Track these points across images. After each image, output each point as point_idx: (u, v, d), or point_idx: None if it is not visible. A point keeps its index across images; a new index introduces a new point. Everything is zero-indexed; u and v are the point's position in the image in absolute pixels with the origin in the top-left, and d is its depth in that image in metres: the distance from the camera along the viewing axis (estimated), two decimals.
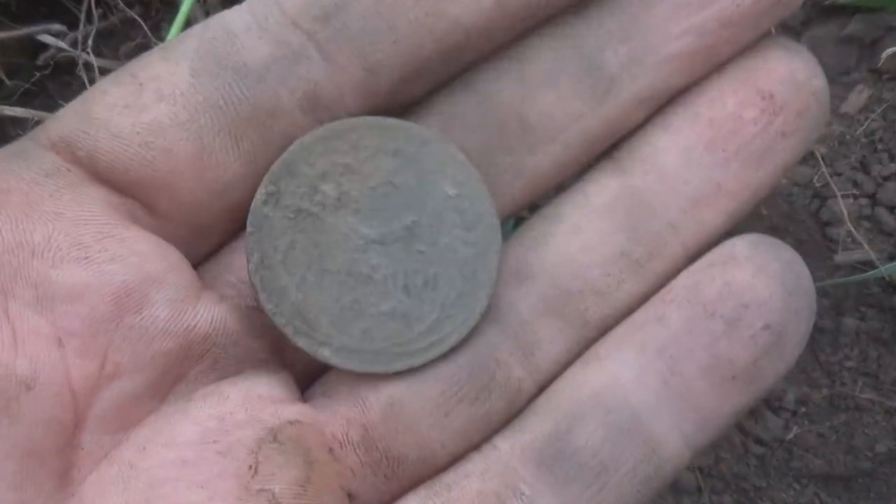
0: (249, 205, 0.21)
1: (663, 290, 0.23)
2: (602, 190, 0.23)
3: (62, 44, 0.37)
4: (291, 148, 0.21)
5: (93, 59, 0.33)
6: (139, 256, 0.20)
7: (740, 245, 0.22)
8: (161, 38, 0.38)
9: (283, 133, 0.21)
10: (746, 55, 0.23)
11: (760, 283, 0.22)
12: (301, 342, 0.22)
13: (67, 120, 0.21)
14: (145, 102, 0.21)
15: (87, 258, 0.20)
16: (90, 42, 0.35)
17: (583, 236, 0.23)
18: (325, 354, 0.22)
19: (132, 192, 0.21)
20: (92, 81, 0.34)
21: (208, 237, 0.22)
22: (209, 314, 0.21)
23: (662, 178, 0.23)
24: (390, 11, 0.21)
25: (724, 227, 0.23)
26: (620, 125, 0.23)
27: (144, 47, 0.38)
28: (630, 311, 0.23)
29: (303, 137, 0.21)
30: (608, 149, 0.24)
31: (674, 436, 0.22)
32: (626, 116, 0.23)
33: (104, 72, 0.35)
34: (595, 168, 0.24)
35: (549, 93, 0.23)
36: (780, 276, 0.22)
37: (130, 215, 0.21)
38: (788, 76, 0.22)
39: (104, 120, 0.21)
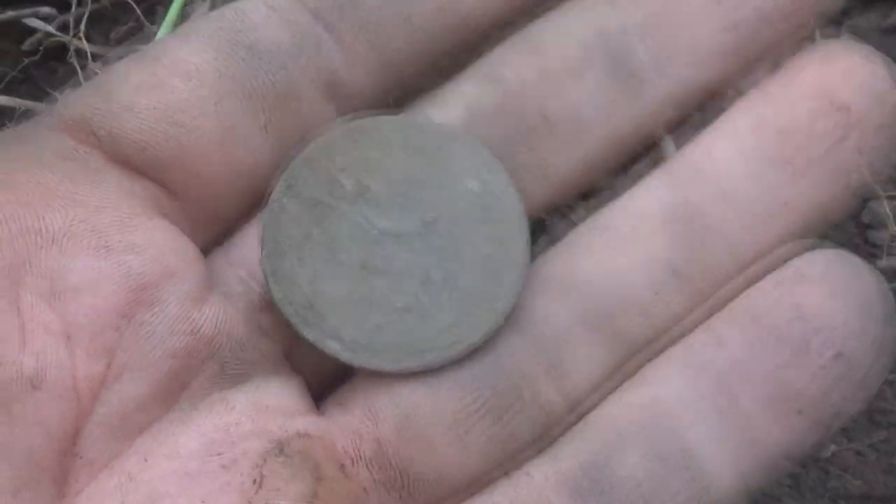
0: (267, 193, 0.22)
1: (723, 311, 0.22)
2: (652, 200, 0.23)
3: (50, 28, 0.37)
4: (314, 143, 0.22)
5: (85, 44, 0.33)
6: (157, 248, 0.20)
7: (813, 261, 0.21)
8: (155, 23, 0.38)
9: (308, 120, 0.22)
10: (819, 59, 0.22)
11: (834, 305, 0.21)
12: (309, 334, 0.22)
13: (86, 101, 0.21)
14: (172, 83, 0.21)
15: (106, 247, 0.20)
16: (83, 26, 0.35)
17: (629, 250, 0.22)
18: (333, 348, 0.22)
19: (155, 174, 0.21)
20: (84, 68, 0.34)
21: (221, 224, 0.22)
22: (214, 315, 0.21)
23: (720, 191, 0.22)
24: (404, 3, 0.21)
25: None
26: (651, 125, 0.23)
27: (137, 31, 0.38)
28: (679, 334, 0.22)
29: (325, 134, 0.22)
30: (653, 154, 0.23)
31: (728, 473, 0.21)
32: (657, 116, 0.22)
33: (97, 58, 0.34)
34: (647, 177, 0.23)
35: (573, 86, 0.22)
36: (857, 298, 0.21)
37: (151, 200, 0.21)
38: (866, 86, 0.22)
39: (128, 99, 0.21)
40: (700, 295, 0.22)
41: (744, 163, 0.22)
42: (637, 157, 0.23)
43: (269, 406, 0.21)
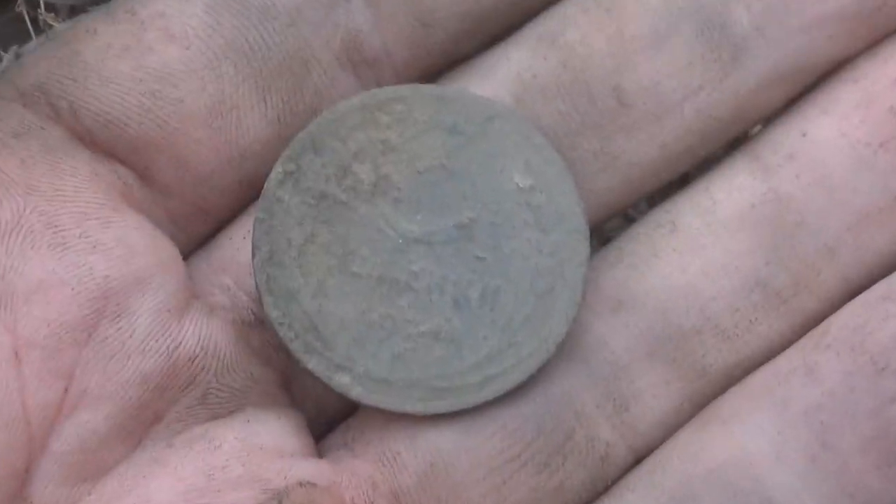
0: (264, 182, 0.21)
1: (816, 332, 0.21)
2: (735, 194, 0.22)
3: None
4: (320, 118, 0.21)
5: None
6: (126, 248, 0.20)
7: None
8: None
9: (317, 92, 0.21)
10: None
11: None
12: (313, 364, 0.21)
13: (44, 65, 0.20)
14: (150, 43, 0.20)
15: (63, 245, 0.19)
16: None
17: (705, 256, 0.22)
18: (343, 382, 0.21)
19: (126, 155, 0.20)
20: (35, 20, 0.33)
21: (208, 220, 0.22)
22: (196, 330, 0.20)
23: (820, 182, 0.21)
24: None
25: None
26: (750, 107, 0.22)
27: None
28: (765, 361, 0.21)
29: (335, 105, 0.21)
30: (737, 138, 0.22)
31: None
32: (759, 96, 0.22)
33: (50, 8, 0.34)
34: (726, 163, 0.22)
35: (656, 57, 0.21)
36: None
37: (121, 188, 0.20)
38: None
39: (95, 64, 0.20)
40: (790, 312, 0.22)
41: (847, 147, 0.21)
42: (730, 147, 0.22)
43: (264, 446, 0.20)
